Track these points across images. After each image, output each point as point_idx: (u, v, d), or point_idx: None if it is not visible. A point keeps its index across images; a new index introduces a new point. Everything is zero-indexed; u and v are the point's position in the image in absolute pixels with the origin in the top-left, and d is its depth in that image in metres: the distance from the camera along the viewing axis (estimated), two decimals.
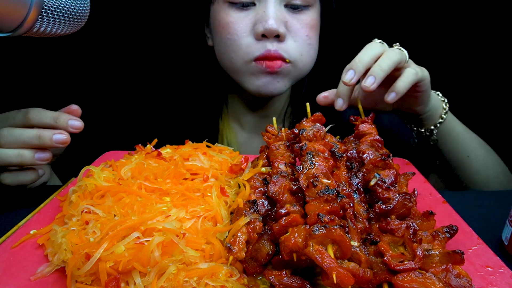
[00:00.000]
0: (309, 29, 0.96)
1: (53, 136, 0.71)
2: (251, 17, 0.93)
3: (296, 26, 0.95)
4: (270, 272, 0.50)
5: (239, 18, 0.93)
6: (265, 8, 0.91)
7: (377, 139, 0.71)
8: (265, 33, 0.90)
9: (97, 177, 0.65)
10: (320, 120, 0.73)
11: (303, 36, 0.96)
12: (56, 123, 0.72)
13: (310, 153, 0.60)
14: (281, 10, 0.93)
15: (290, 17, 0.94)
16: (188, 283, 0.49)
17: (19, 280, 0.52)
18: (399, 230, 0.52)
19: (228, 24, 0.94)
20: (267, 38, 0.92)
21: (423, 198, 0.74)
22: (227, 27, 0.94)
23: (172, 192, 0.64)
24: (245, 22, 0.93)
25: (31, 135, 0.71)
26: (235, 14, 0.94)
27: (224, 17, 0.95)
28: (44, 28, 0.59)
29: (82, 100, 0.99)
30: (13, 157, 0.71)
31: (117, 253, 0.49)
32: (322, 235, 0.46)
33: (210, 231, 0.56)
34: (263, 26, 0.89)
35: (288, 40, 0.94)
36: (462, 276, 0.46)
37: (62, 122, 0.73)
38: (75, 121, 0.74)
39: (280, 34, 0.91)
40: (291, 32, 0.94)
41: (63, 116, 0.73)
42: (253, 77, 0.96)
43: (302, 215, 0.54)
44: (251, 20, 0.93)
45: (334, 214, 0.49)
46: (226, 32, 0.95)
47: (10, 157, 0.71)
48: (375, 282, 0.48)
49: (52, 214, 0.66)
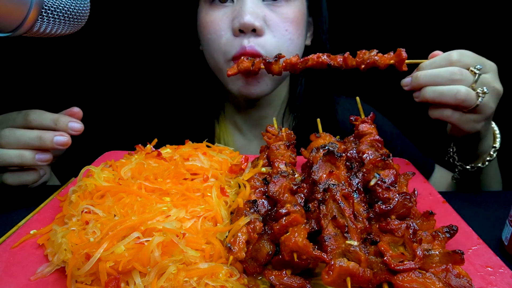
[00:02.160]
0: (289, 23, 0.92)
1: (54, 138, 0.71)
2: (229, 14, 0.91)
3: (275, 20, 0.91)
4: (270, 272, 0.50)
5: (218, 16, 0.92)
6: (242, 3, 0.89)
7: (377, 139, 0.71)
8: (241, 28, 0.88)
9: (97, 177, 0.65)
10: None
11: (282, 30, 0.92)
12: (56, 125, 0.73)
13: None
14: (259, 4, 0.90)
15: (269, 11, 0.91)
16: (188, 283, 0.49)
17: (19, 280, 0.52)
18: (399, 230, 0.52)
19: (208, 24, 0.93)
20: (244, 33, 0.89)
21: (423, 198, 0.74)
22: (207, 27, 0.94)
23: (172, 192, 0.64)
24: (224, 19, 0.92)
25: (32, 136, 0.71)
26: (214, 13, 0.93)
27: (204, 17, 0.95)
28: (44, 28, 0.59)
29: (82, 100, 0.99)
30: (14, 158, 0.71)
31: (117, 253, 0.49)
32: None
33: (210, 231, 0.56)
34: (238, 21, 0.87)
35: (266, 35, 0.91)
36: (462, 276, 0.46)
37: (62, 124, 0.73)
38: (75, 123, 0.74)
39: (256, 28, 0.88)
40: (270, 27, 0.91)
41: (63, 118, 0.73)
42: (234, 78, 0.94)
43: (302, 215, 0.55)
44: (229, 17, 0.91)
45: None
46: (206, 32, 0.94)
47: (11, 157, 0.71)
48: (375, 282, 0.48)
49: (52, 214, 0.66)
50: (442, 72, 0.73)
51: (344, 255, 0.49)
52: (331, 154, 0.62)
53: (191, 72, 1.13)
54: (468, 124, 0.77)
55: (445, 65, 0.74)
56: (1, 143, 0.70)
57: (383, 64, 0.82)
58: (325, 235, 0.50)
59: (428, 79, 0.74)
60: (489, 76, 0.75)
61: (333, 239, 0.50)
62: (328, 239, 0.50)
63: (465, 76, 0.72)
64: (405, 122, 1.28)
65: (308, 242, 0.48)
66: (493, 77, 0.76)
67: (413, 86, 0.76)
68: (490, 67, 0.76)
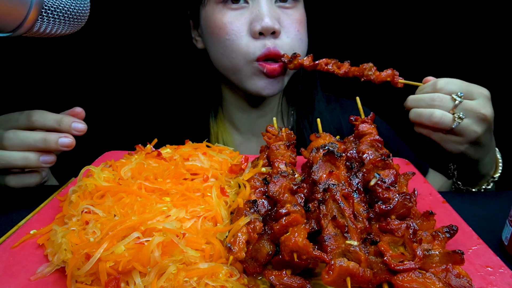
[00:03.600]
0: (298, 24, 0.99)
1: (58, 139, 0.71)
2: (246, 16, 0.94)
3: (288, 21, 0.97)
4: (270, 272, 0.50)
5: (235, 18, 0.94)
6: (259, 6, 0.93)
7: (377, 139, 0.71)
8: (262, 30, 0.91)
9: (97, 177, 0.65)
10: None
11: (295, 31, 0.98)
12: (59, 126, 0.72)
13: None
14: (273, 7, 0.95)
15: (281, 13, 0.96)
16: (188, 283, 0.49)
17: (19, 280, 0.52)
18: (399, 230, 0.52)
19: (225, 25, 0.95)
20: (263, 35, 0.93)
21: (423, 198, 0.74)
22: (225, 28, 0.95)
23: (172, 192, 0.64)
24: (241, 21, 0.94)
25: (36, 138, 0.71)
26: (230, 14, 0.95)
27: (220, 18, 0.95)
28: (44, 28, 0.59)
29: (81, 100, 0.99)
30: (18, 160, 0.71)
31: (117, 253, 0.49)
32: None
33: (210, 231, 0.56)
34: (260, 24, 0.91)
35: (282, 36, 0.96)
36: (462, 276, 0.46)
37: (65, 124, 0.72)
38: (78, 124, 0.74)
39: (275, 31, 0.93)
40: (284, 28, 0.96)
41: (66, 118, 0.73)
42: (255, 77, 0.97)
43: (302, 215, 0.55)
44: (246, 20, 0.94)
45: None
46: (224, 33, 0.95)
47: (16, 160, 0.71)
48: (375, 282, 0.48)
49: (52, 214, 0.66)
50: (424, 97, 0.83)
51: (344, 255, 0.49)
52: (331, 154, 0.62)
53: (189, 71, 1.14)
54: (449, 144, 0.84)
55: (430, 91, 0.83)
56: (5, 145, 0.70)
57: (378, 81, 0.91)
58: (325, 235, 0.50)
59: (412, 102, 0.85)
60: (475, 103, 0.80)
61: (333, 239, 0.50)
62: (328, 239, 0.50)
63: (444, 102, 0.80)
64: (402, 125, 1.28)
65: (308, 242, 0.48)
66: (481, 104, 0.80)
67: (406, 107, 0.87)
68: (479, 94, 0.81)
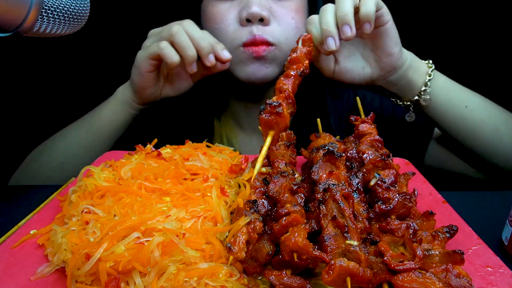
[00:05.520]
0: (294, 13, 0.99)
1: (223, 50, 0.89)
2: (236, 6, 0.97)
3: (281, 10, 0.98)
4: (270, 272, 0.50)
5: (225, 8, 0.98)
6: None
7: (377, 139, 0.71)
8: (249, 17, 0.93)
9: (97, 177, 0.65)
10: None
11: (289, 19, 0.98)
12: (216, 44, 0.88)
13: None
14: None
15: (274, 4, 0.97)
16: (188, 283, 0.49)
17: (19, 280, 0.52)
18: (399, 230, 0.52)
19: (215, 15, 0.98)
20: (251, 23, 0.94)
21: (423, 198, 0.74)
22: (214, 18, 0.98)
23: (172, 192, 0.64)
24: (231, 11, 0.97)
25: (211, 40, 0.88)
26: (221, 5, 0.98)
27: (211, 9, 1.00)
28: (44, 28, 0.59)
29: (81, 100, 0.99)
30: (187, 49, 0.85)
31: (117, 253, 0.49)
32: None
33: (210, 231, 0.56)
34: (246, 11, 0.93)
35: (272, 24, 0.96)
36: (462, 276, 0.46)
37: (219, 48, 0.89)
38: (228, 53, 0.90)
39: (263, 17, 0.93)
40: (276, 17, 0.97)
41: (220, 44, 0.90)
42: (242, 64, 0.99)
43: (302, 215, 0.55)
44: (236, 10, 0.97)
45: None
46: (213, 22, 0.99)
47: (185, 48, 0.85)
48: (375, 282, 0.48)
49: (52, 214, 0.66)
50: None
51: (344, 255, 0.49)
52: (331, 154, 0.62)
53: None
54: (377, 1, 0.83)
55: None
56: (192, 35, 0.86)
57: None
58: (325, 235, 0.50)
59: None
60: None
61: (333, 239, 0.50)
62: (328, 239, 0.50)
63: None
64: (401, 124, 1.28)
65: (308, 242, 0.48)
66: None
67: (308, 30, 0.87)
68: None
